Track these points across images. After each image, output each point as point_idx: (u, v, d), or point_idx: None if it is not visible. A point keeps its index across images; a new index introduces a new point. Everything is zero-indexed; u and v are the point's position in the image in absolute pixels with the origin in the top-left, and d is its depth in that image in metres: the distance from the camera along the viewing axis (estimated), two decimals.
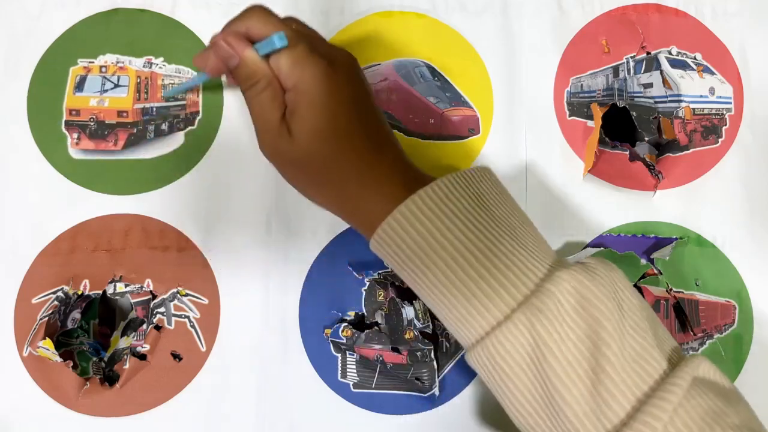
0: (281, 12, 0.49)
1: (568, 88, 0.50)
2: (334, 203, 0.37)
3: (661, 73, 0.49)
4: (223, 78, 0.48)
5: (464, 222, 0.32)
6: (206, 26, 0.49)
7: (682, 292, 0.47)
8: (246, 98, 0.36)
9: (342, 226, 0.47)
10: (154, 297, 0.46)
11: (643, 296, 0.47)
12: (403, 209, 0.33)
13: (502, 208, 0.35)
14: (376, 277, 0.46)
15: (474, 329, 0.32)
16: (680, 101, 0.49)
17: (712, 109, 0.49)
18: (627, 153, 0.49)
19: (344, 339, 0.45)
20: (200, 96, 0.48)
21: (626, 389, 0.29)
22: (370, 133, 0.36)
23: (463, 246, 0.32)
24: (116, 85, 0.48)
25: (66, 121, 0.48)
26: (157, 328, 0.45)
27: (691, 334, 0.47)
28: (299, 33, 0.36)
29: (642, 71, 0.50)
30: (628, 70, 0.50)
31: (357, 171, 0.35)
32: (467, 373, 0.46)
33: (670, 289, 0.47)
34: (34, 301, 0.45)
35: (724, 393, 0.31)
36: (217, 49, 0.35)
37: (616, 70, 0.50)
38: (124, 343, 0.46)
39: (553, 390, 0.30)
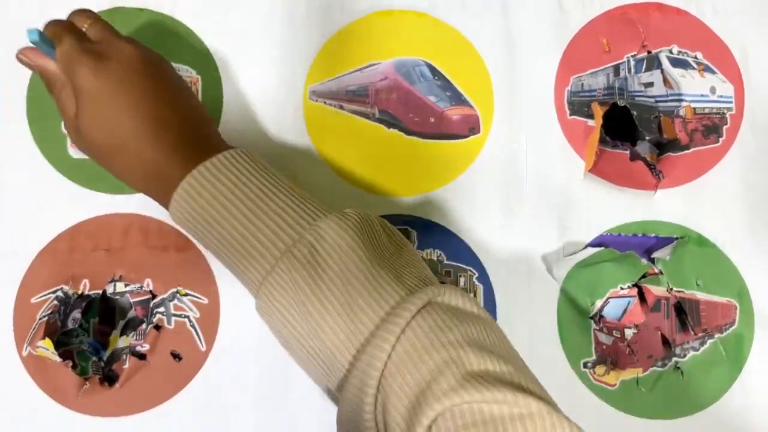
0: (279, 13, 0.49)
1: (569, 87, 0.50)
2: (136, 183, 0.39)
3: (662, 72, 0.49)
4: (222, 77, 0.48)
5: (245, 184, 0.36)
6: (206, 25, 0.49)
7: (683, 292, 0.47)
8: (53, 99, 0.40)
9: None
10: (154, 296, 0.46)
11: (645, 297, 0.47)
12: (195, 174, 0.36)
13: (280, 174, 0.38)
14: None
15: (253, 283, 0.35)
16: (681, 100, 0.49)
17: (713, 108, 0.49)
18: (628, 152, 0.49)
19: None
20: (199, 94, 0.48)
21: (367, 316, 0.32)
22: (158, 116, 0.38)
23: (239, 207, 0.35)
24: None
25: None
26: (157, 327, 0.45)
27: (692, 333, 0.47)
28: (68, 30, 0.39)
29: (643, 70, 0.49)
30: (629, 69, 0.50)
31: (146, 152, 0.37)
32: None
33: (671, 289, 0.47)
34: (33, 300, 0.45)
35: (460, 313, 0.33)
36: (20, 62, 0.40)
37: (616, 69, 0.50)
38: (123, 342, 0.46)
39: (312, 320, 0.33)
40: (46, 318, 0.44)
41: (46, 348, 0.43)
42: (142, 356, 0.45)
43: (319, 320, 0.33)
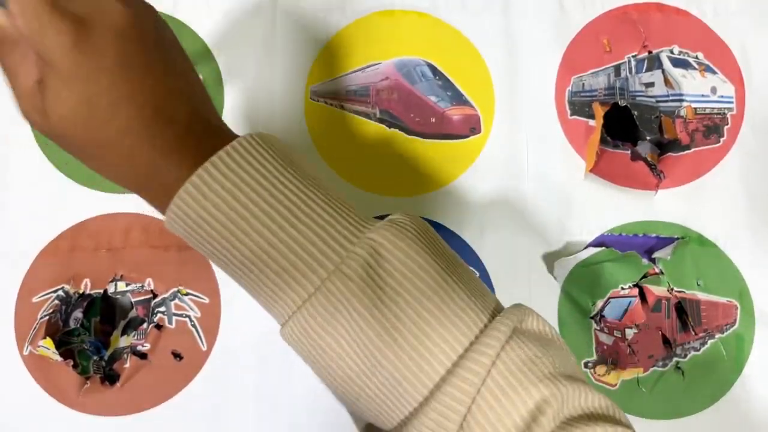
0: (280, 13, 0.49)
1: (570, 87, 0.50)
2: (119, 179, 0.31)
3: (663, 72, 0.49)
4: (223, 77, 0.48)
5: (272, 183, 0.29)
6: (207, 24, 0.49)
7: (684, 292, 0.47)
8: None
9: None
10: (155, 296, 0.46)
11: (646, 297, 0.47)
12: (202, 173, 0.28)
13: (305, 167, 0.31)
14: None
15: (285, 306, 0.29)
16: (682, 100, 0.49)
17: (713, 108, 0.49)
18: (628, 152, 0.49)
19: None
20: None
21: (449, 346, 0.28)
22: (160, 104, 0.29)
23: (269, 215, 0.28)
24: None
25: None
26: (158, 327, 0.45)
27: (693, 333, 0.47)
28: None
29: (644, 70, 0.49)
30: (630, 69, 0.50)
31: (141, 151, 0.29)
32: None
33: (672, 289, 0.47)
34: (34, 300, 0.45)
35: (544, 341, 0.30)
36: None
37: (617, 69, 0.50)
38: (124, 342, 0.46)
39: (376, 351, 0.28)
40: (48, 317, 0.44)
41: (47, 347, 0.43)
42: (143, 356, 0.45)
43: (382, 348, 0.28)
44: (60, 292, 0.45)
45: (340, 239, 0.29)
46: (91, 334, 0.46)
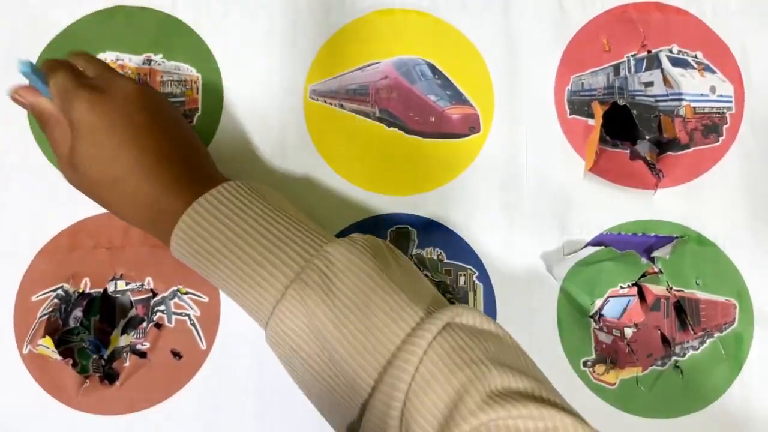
0: (279, 12, 0.49)
1: (569, 87, 0.50)
2: (134, 218, 0.39)
3: (662, 71, 0.49)
4: (223, 76, 0.48)
5: (249, 215, 0.36)
6: (205, 23, 0.49)
7: (683, 291, 0.47)
8: (46, 136, 0.40)
9: (341, 224, 0.47)
10: (155, 295, 0.46)
11: (645, 296, 0.47)
12: (197, 206, 0.36)
13: (279, 202, 0.38)
14: None
15: (262, 313, 0.35)
16: (681, 100, 0.49)
17: (713, 107, 0.49)
18: (628, 152, 0.49)
19: None
20: (199, 93, 0.48)
21: (388, 338, 0.32)
22: (157, 149, 0.38)
23: (244, 238, 0.35)
24: None
25: None
26: (158, 326, 0.45)
27: (692, 332, 0.47)
28: (63, 64, 0.39)
29: (643, 70, 0.50)
30: (629, 69, 0.50)
31: (145, 186, 0.37)
32: None
33: (671, 288, 0.47)
34: (33, 299, 0.45)
35: (478, 332, 0.33)
36: (14, 101, 0.40)
37: (616, 69, 0.50)
38: (124, 341, 0.46)
39: (329, 347, 0.33)
40: (47, 316, 0.44)
41: (47, 346, 0.43)
42: (142, 354, 0.45)
43: (336, 346, 0.33)
44: (59, 291, 0.45)
45: (302, 252, 0.35)
46: (90, 333, 0.46)
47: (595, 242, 0.48)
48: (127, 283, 0.46)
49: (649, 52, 0.50)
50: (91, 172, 0.37)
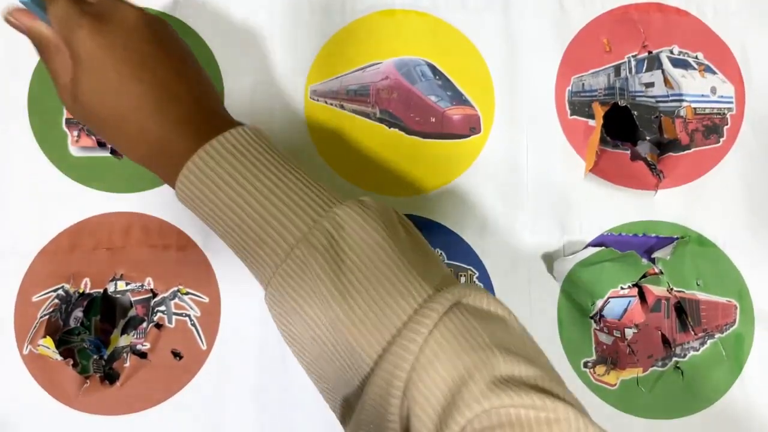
0: (280, 12, 0.49)
1: (570, 87, 0.50)
2: (139, 156, 0.36)
3: (663, 72, 0.49)
4: (223, 76, 0.48)
5: (258, 168, 0.34)
6: (207, 24, 0.49)
7: (683, 292, 0.47)
8: (44, 64, 0.37)
9: None
10: (155, 295, 0.46)
11: (645, 297, 0.47)
12: (208, 148, 0.33)
13: (290, 156, 0.36)
14: None
15: (265, 271, 0.33)
16: (682, 100, 0.49)
17: (713, 108, 0.49)
18: (628, 152, 0.49)
19: None
20: None
21: (394, 312, 0.31)
22: (165, 85, 0.35)
23: (251, 192, 0.33)
24: None
25: (67, 119, 0.48)
26: (158, 326, 0.45)
27: (692, 333, 0.47)
28: None
29: (643, 70, 0.49)
30: (630, 69, 0.50)
31: (151, 124, 0.34)
32: None
33: (671, 289, 0.47)
34: (34, 299, 0.45)
35: (486, 315, 0.32)
36: (9, 23, 0.36)
37: (617, 69, 0.50)
38: (124, 341, 0.46)
39: (333, 314, 0.31)
40: (48, 316, 0.44)
41: (47, 346, 0.43)
42: (142, 355, 0.45)
43: (339, 313, 0.31)
44: (60, 291, 0.45)
45: (311, 212, 0.33)
46: (91, 333, 0.46)
47: (595, 243, 0.48)
48: (127, 284, 0.46)
49: (650, 52, 0.50)
50: (94, 106, 0.35)
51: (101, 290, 0.46)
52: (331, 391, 0.35)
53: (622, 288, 0.47)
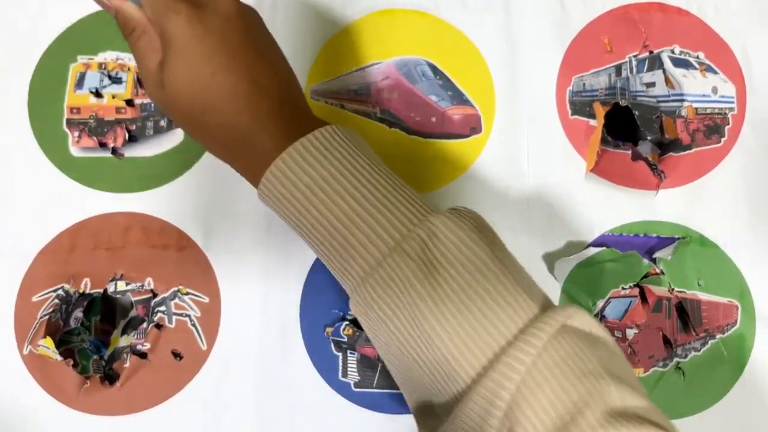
0: (282, 11, 0.49)
1: (571, 87, 0.49)
2: (221, 150, 0.36)
3: (664, 72, 0.49)
4: None
5: (350, 170, 0.33)
6: None
7: (685, 292, 0.47)
8: (129, 45, 0.36)
9: None
10: (155, 295, 0.46)
11: (647, 298, 0.47)
12: (298, 146, 0.32)
13: (381, 161, 0.36)
14: None
15: (352, 277, 0.32)
16: (683, 100, 0.49)
17: (714, 108, 0.49)
18: (629, 152, 0.49)
19: (345, 338, 0.45)
20: None
21: (497, 330, 0.30)
22: (256, 78, 0.34)
23: (343, 196, 0.32)
24: (114, 81, 0.48)
25: (67, 120, 0.48)
26: (158, 326, 0.45)
27: (693, 334, 0.47)
28: None
29: (645, 70, 0.49)
30: (631, 69, 0.49)
31: (240, 118, 0.33)
32: None
33: (673, 289, 0.47)
34: (34, 299, 0.45)
35: (593, 340, 0.31)
36: (98, 2, 0.35)
37: (618, 69, 0.49)
38: (124, 341, 0.46)
39: (427, 326, 0.30)
40: (48, 317, 0.44)
41: (47, 347, 0.43)
42: (143, 355, 0.45)
43: (434, 324, 0.30)
44: (60, 292, 0.45)
45: (404, 220, 0.32)
46: (91, 334, 0.46)
47: (596, 243, 0.47)
48: (127, 284, 0.46)
49: (651, 52, 0.50)
50: (182, 95, 0.33)
51: (101, 290, 0.46)
52: (413, 393, 0.34)
53: (623, 288, 0.47)
